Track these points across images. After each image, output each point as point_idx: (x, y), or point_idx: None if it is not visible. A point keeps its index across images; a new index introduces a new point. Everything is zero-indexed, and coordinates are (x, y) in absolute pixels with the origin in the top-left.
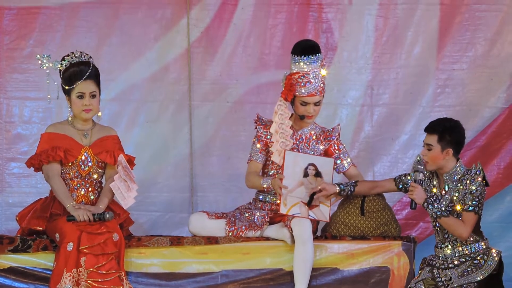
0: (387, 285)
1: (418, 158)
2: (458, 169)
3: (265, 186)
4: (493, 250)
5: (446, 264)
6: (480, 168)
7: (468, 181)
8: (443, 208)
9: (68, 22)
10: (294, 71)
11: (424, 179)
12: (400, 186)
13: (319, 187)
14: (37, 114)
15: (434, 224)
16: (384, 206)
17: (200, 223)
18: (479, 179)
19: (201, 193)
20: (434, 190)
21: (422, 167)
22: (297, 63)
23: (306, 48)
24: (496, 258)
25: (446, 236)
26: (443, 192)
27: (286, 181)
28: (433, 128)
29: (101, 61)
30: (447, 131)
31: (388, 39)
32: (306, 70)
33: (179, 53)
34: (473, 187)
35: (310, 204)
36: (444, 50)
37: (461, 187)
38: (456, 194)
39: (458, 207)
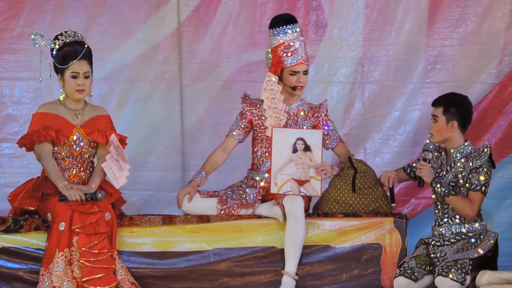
0: (379, 262)
1: (427, 140)
2: (467, 148)
3: (196, 180)
4: (490, 232)
5: (442, 241)
6: (488, 145)
7: (474, 159)
8: (448, 185)
9: (58, 2)
10: (278, 44)
11: (433, 159)
12: (409, 171)
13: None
14: (27, 95)
15: (435, 200)
16: (375, 182)
17: (192, 202)
18: (486, 156)
19: (192, 171)
20: (441, 165)
21: (431, 147)
22: (280, 35)
23: (286, 19)
24: (492, 240)
25: (446, 211)
26: (448, 168)
27: (276, 159)
28: (439, 100)
29: (91, 41)
30: (452, 104)
31: (378, 16)
32: (290, 38)
33: (169, 32)
34: (479, 164)
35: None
36: (434, 26)
37: (469, 163)
38: (462, 170)
39: (461, 181)
